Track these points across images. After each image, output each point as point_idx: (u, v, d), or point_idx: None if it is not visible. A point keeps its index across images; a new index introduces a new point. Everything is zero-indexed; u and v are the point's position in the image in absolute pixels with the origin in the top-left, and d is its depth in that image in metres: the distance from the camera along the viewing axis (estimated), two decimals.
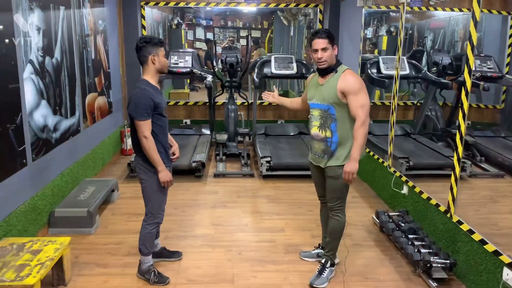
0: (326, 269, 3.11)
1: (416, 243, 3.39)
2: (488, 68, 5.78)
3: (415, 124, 6.23)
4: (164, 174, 2.87)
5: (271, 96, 3.30)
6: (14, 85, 3.20)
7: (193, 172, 5.22)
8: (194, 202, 4.54)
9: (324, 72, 2.89)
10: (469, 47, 3.08)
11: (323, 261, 3.14)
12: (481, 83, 5.37)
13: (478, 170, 5.05)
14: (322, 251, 3.33)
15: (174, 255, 3.39)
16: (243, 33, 11.60)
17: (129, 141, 6.18)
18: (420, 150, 5.54)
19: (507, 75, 6.21)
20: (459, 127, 3.18)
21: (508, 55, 6.42)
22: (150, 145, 2.79)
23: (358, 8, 5.59)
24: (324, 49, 2.80)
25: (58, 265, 2.95)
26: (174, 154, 3.15)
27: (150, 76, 2.86)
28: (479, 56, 6.16)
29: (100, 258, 3.39)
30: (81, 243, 3.62)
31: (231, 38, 11.24)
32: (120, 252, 3.48)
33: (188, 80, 9.72)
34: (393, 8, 6.25)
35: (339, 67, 2.90)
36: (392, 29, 7.32)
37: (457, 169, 3.23)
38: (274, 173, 5.19)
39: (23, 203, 3.34)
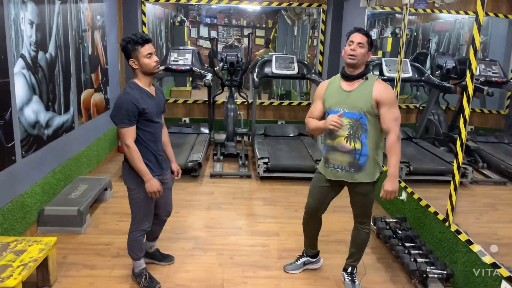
0: (355, 278, 3.04)
1: (413, 251, 3.29)
2: (493, 73, 5.66)
3: (417, 128, 6.13)
4: (150, 184, 2.68)
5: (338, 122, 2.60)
6: (4, 80, 3.12)
7: (189, 172, 5.14)
8: (189, 203, 4.45)
9: (352, 77, 2.67)
10: (472, 51, 2.97)
11: (349, 270, 3.05)
12: (485, 88, 5.26)
13: (480, 177, 4.95)
14: (310, 259, 3.23)
15: (166, 259, 3.29)
16: (247, 31, 11.50)
17: None
18: (422, 155, 5.44)
19: (511, 80, 6.10)
20: (459, 133, 3.08)
21: None
22: (133, 154, 2.62)
23: (362, 9, 5.49)
24: (360, 44, 2.59)
25: (43, 266, 2.87)
26: (177, 174, 3.05)
27: (137, 79, 2.66)
28: (483, 60, 6.03)
29: (88, 258, 3.31)
30: (70, 242, 3.54)
31: (236, 37, 11.13)
32: (108, 253, 3.40)
33: (190, 78, 9.63)
34: (397, 9, 6.14)
35: (369, 74, 2.70)
36: (397, 30, 7.20)
37: (457, 177, 3.14)
38: (271, 174, 5.10)
39: (10, 200, 3.27)
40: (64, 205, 3.78)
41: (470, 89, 2.99)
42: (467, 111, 3.02)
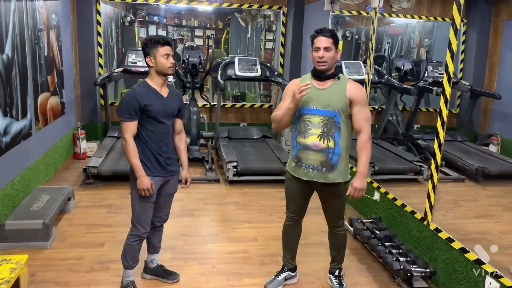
0: (342, 281, 3.05)
1: (393, 251, 3.35)
2: (441, 73, 5.92)
3: (376, 128, 6.30)
4: (141, 181, 2.61)
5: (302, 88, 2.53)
6: None
7: None
8: None
9: (324, 76, 2.66)
10: (448, 55, 3.07)
11: (337, 273, 3.06)
12: (435, 88, 5.49)
13: (439, 175, 5.16)
14: (290, 273, 3.09)
15: (170, 276, 3.07)
16: (198, 32, 11.33)
17: (82, 144, 5.78)
18: (383, 155, 5.59)
19: (461, 81, 6.43)
20: (437, 134, 3.17)
21: (461, 61, 6.66)
22: (128, 148, 2.63)
23: (324, 12, 5.55)
24: (327, 49, 2.58)
25: (14, 287, 2.63)
26: (185, 182, 3.04)
27: (150, 78, 2.69)
28: (431, 62, 6.32)
29: (60, 275, 3.07)
30: (36, 258, 3.27)
31: (179, 37, 10.91)
32: (82, 269, 3.18)
33: (141, 79, 9.31)
34: (354, 13, 6.30)
35: (341, 74, 2.71)
36: (347, 33, 7.39)
37: (435, 177, 3.23)
38: (241, 178, 5.02)
39: None
40: (27, 218, 3.49)
41: (448, 91, 3.09)
42: (445, 112, 3.11)
